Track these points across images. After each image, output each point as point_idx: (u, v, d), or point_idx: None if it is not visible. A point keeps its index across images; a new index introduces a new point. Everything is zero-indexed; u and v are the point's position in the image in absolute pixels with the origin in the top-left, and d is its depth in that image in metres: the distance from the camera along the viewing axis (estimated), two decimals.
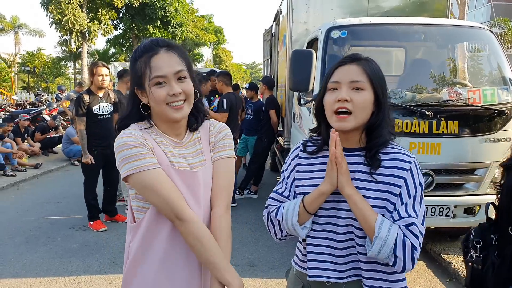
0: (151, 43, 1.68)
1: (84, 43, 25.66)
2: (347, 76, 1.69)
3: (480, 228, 2.53)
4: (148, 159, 1.60)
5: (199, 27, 40.01)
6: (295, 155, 1.89)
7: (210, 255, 1.62)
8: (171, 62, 1.64)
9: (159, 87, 1.62)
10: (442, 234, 5.64)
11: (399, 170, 1.67)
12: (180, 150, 1.75)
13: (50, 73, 42.77)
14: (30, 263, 4.98)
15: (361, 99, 1.66)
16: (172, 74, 1.63)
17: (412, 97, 4.60)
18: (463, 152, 4.57)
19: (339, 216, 1.72)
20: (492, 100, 4.61)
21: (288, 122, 6.87)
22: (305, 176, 1.80)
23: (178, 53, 1.68)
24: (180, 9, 30.99)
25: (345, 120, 1.66)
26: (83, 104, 5.81)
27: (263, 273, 4.72)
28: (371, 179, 1.68)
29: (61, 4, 23.15)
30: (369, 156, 1.70)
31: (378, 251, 1.57)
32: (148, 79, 1.63)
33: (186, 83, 1.66)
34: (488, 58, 5.25)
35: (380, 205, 1.65)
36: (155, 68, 1.62)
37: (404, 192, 1.65)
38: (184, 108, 1.67)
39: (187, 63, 1.70)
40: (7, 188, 8.68)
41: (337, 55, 4.90)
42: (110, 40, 33.75)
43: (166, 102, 1.63)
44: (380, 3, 6.63)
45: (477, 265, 2.40)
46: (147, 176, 1.59)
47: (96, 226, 6.13)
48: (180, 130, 1.77)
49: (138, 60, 1.67)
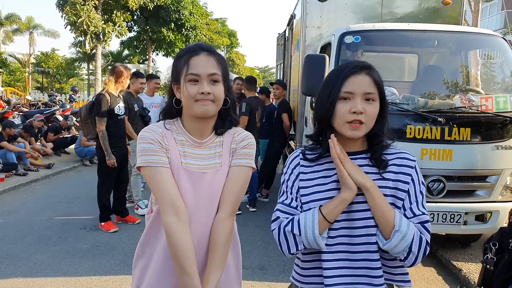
0: (195, 45, 1.83)
1: (98, 45, 25.88)
2: (362, 87, 1.69)
3: (500, 232, 2.55)
4: (157, 157, 1.76)
5: (213, 30, 40.19)
6: (295, 164, 1.85)
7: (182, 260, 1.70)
8: (208, 64, 1.77)
9: (192, 84, 1.75)
10: (453, 241, 5.62)
11: (406, 167, 1.74)
12: (198, 150, 1.85)
13: (64, 73, 43.09)
14: (41, 263, 5.02)
15: (373, 110, 1.70)
16: (206, 74, 1.76)
17: (424, 103, 4.59)
18: (475, 159, 4.55)
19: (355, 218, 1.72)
20: (504, 108, 4.59)
21: (300, 126, 6.88)
22: (308, 184, 1.79)
23: (217, 59, 1.81)
24: (194, 12, 31.17)
25: (358, 129, 1.69)
26: (106, 104, 5.83)
27: (273, 277, 4.72)
28: (379, 178, 1.72)
29: (76, 5, 23.41)
30: (375, 158, 1.75)
31: (396, 244, 1.62)
32: (184, 75, 1.76)
33: (217, 86, 1.78)
34: (501, 65, 5.23)
35: (390, 201, 1.70)
36: (192, 66, 1.76)
37: (412, 189, 1.72)
38: (209, 107, 1.76)
39: (223, 70, 1.82)
40: (19, 188, 8.76)
41: (350, 60, 4.89)
42: (124, 42, 34.02)
43: (195, 99, 1.74)
44: (394, 9, 6.62)
45: (490, 266, 2.41)
46: (153, 172, 1.75)
47: (108, 227, 6.16)
48: (205, 130, 1.86)
49: (180, 58, 1.81)
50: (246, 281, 4.56)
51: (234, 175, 1.86)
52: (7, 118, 11.90)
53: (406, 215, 1.69)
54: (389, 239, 1.63)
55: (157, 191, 1.76)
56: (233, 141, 1.91)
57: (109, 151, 5.87)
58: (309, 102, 5.50)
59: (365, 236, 1.70)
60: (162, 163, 1.75)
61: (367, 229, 1.70)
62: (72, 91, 20.31)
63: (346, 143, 1.77)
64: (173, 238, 1.70)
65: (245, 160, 1.89)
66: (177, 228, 1.71)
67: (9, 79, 38.28)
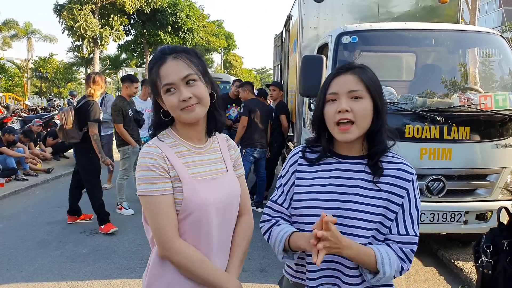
0: (159, 52, 1.74)
1: (95, 49, 25.91)
2: (344, 86, 1.69)
3: (491, 233, 2.49)
4: (157, 185, 1.67)
5: (210, 32, 40.17)
6: (294, 161, 1.88)
7: (202, 278, 1.72)
8: (178, 68, 1.68)
9: (170, 94, 1.68)
10: (453, 240, 5.61)
11: (402, 180, 1.70)
12: (201, 156, 1.81)
13: (62, 78, 43.15)
14: (42, 268, 5.01)
15: (361, 107, 1.67)
16: (179, 79, 1.67)
17: (423, 102, 4.58)
18: (475, 157, 4.54)
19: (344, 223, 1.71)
20: (503, 106, 4.58)
21: (298, 127, 6.87)
22: (304, 183, 1.79)
23: (187, 57, 1.71)
24: (191, 15, 31.19)
25: (348, 132, 1.67)
26: (99, 110, 6.12)
27: (273, 279, 4.72)
28: (374, 187, 1.69)
29: (73, 10, 23.44)
30: (371, 164, 1.72)
31: (377, 281, 1.66)
32: (160, 87, 1.70)
33: (196, 86, 1.69)
34: (499, 63, 5.22)
35: (381, 213, 1.67)
36: (163, 77, 1.68)
37: (406, 203, 1.70)
38: (196, 111, 1.70)
39: (198, 66, 1.73)
40: (19, 193, 8.75)
41: (347, 60, 4.90)
42: (122, 46, 34.03)
43: (179, 108, 1.68)
44: (391, 8, 6.61)
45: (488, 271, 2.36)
46: (150, 201, 1.67)
47: (107, 228, 6.20)
48: (201, 134, 1.83)
49: (151, 70, 1.74)
50: (246, 283, 4.55)
51: (243, 183, 1.96)
52: (6, 123, 11.89)
53: (399, 231, 1.68)
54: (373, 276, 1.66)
55: (152, 222, 1.71)
56: (229, 148, 1.94)
57: (103, 153, 6.17)
58: (307, 103, 5.49)
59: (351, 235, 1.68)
60: (161, 190, 1.67)
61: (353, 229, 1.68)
62: (70, 95, 20.26)
63: (343, 147, 1.76)
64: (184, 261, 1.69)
65: (242, 170, 2.00)
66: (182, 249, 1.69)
67: (7, 85, 38.36)
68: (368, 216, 1.66)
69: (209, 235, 1.75)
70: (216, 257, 1.79)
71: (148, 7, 26.80)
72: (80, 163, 6.34)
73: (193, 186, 1.70)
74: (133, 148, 7.02)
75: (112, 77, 53.14)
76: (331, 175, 1.75)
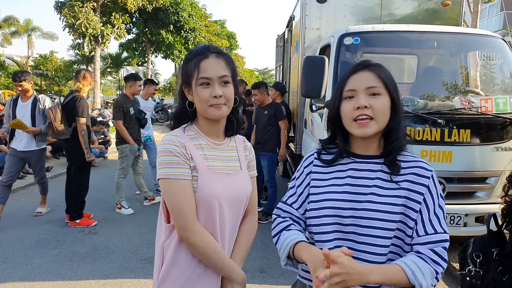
0: (203, 48, 1.85)
1: (97, 47, 25.82)
2: (363, 82, 1.68)
3: (481, 240, 2.42)
4: (179, 169, 1.77)
5: (212, 32, 40.12)
6: (309, 162, 1.86)
7: (215, 263, 1.82)
8: (218, 67, 1.80)
9: (204, 88, 1.79)
10: (452, 242, 5.56)
11: (421, 177, 1.65)
12: (217, 151, 1.91)
13: (63, 76, 43.14)
14: (39, 267, 5.00)
15: (380, 104, 1.66)
16: (217, 77, 1.79)
17: (424, 105, 4.58)
18: (475, 160, 4.55)
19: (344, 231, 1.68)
20: (504, 109, 4.58)
21: (299, 128, 6.87)
22: (320, 184, 1.77)
23: (226, 60, 1.84)
24: (193, 14, 31.14)
25: (367, 126, 1.65)
26: (87, 105, 6.25)
27: (273, 280, 4.71)
28: (392, 186, 1.65)
29: (75, 7, 23.35)
30: (388, 161, 1.69)
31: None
32: (196, 79, 1.80)
33: (228, 88, 1.82)
34: (500, 66, 5.22)
35: (401, 211, 1.62)
36: (203, 70, 1.78)
37: (430, 201, 1.64)
38: (223, 110, 1.82)
39: (232, 70, 1.86)
40: (18, 191, 8.73)
41: (349, 61, 4.90)
42: (123, 44, 33.94)
43: (209, 104, 1.79)
44: (393, 10, 6.61)
45: (476, 281, 2.30)
46: (172, 184, 1.76)
47: (89, 222, 6.49)
48: (220, 131, 1.94)
49: (190, 61, 1.84)
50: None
51: (254, 184, 2.04)
52: None
53: (426, 231, 1.60)
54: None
55: (172, 205, 1.78)
56: (245, 148, 2.04)
57: (89, 149, 6.24)
58: (309, 104, 5.48)
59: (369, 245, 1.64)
60: (184, 175, 1.77)
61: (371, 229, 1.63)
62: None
63: (360, 146, 1.74)
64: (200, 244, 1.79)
65: (254, 171, 2.08)
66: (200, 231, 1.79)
67: (7, 82, 38.32)
68: (387, 215, 1.61)
69: (222, 226, 1.85)
70: (226, 247, 1.89)
71: (150, 6, 26.72)
72: (72, 159, 6.42)
73: (207, 177, 1.80)
74: (131, 147, 7.01)
75: (114, 76, 53.18)
76: (347, 175, 1.73)
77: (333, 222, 1.68)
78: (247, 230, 2.00)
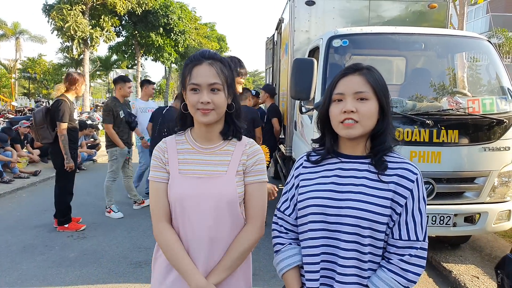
0: (199, 54, 1.91)
1: (86, 50, 25.66)
2: (351, 87, 1.70)
3: None
4: (155, 172, 1.97)
5: (202, 35, 40.03)
6: (298, 165, 1.91)
7: (173, 263, 1.90)
8: (209, 74, 1.84)
9: (193, 93, 1.86)
10: (442, 242, 5.63)
11: (406, 180, 1.67)
12: (205, 156, 1.95)
13: (51, 79, 42.84)
14: (27, 273, 4.92)
15: (366, 109, 1.68)
16: (206, 84, 1.83)
17: (412, 106, 4.61)
18: (463, 160, 4.59)
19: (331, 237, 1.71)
20: (491, 110, 4.62)
21: (290, 130, 6.87)
22: (306, 183, 1.80)
23: (219, 67, 1.87)
24: (183, 16, 31.09)
25: (352, 128, 1.68)
26: (68, 110, 6.07)
27: (263, 282, 4.68)
28: (379, 184, 1.67)
29: (63, 10, 23.21)
30: (375, 160, 1.71)
31: None
32: (187, 84, 1.88)
33: (218, 95, 1.85)
34: (487, 68, 5.27)
35: (389, 205, 1.64)
36: (194, 76, 1.85)
37: (410, 205, 1.66)
38: (210, 115, 1.85)
39: (226, 78, 1.88)
40: (5, 196, 8.62)
41: (338, 63, 4.92)
42: (112, 47, 33.77)
43: (196, 108, 1.85)
44: (381, 12, 6.65)
45: None
46: (151, 186, 1.99)
47: (77, 226, 6.42)
48: (212, 135, 1.96)
49: (186, 66, 1.91)
50: None
51: (257, 191, 1.98)
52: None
53: (400, 235, 1.64)
54: None
55: (151, 201, 2.00)
56: (243, 153, 1.97)
57: (69, 155, 6.06)
58: (298, 106, 5.49)
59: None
60: (159, 178, 1.95)
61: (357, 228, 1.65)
62: None
63: (347, 146, 1.77)
64: (160, 241, 1.94)
65: (261, 176, 1.99)
66: (161, 230, 1.93)
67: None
68: (373, 216, 1.63)
69: (195, 229, 1.88)
70: (202, 251, 1.89)
71: (139, 9, 26.63)
72: (56, 163, 6.26)
73: (173, 180, 1.92)
74: (121, 150, 6.96)
75: (103, 79, 52.90)
76: (333, 174, 1.76)
77: (319, 220, 1.71)
78: (238, 239, 1.93)
